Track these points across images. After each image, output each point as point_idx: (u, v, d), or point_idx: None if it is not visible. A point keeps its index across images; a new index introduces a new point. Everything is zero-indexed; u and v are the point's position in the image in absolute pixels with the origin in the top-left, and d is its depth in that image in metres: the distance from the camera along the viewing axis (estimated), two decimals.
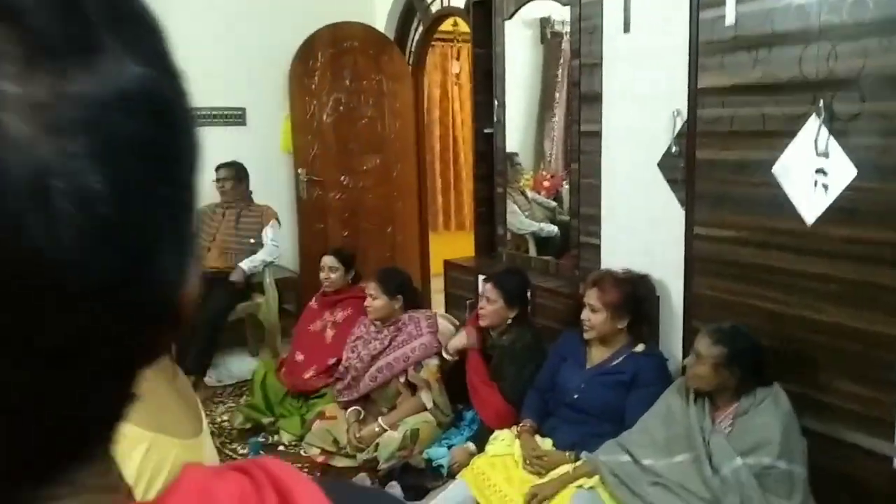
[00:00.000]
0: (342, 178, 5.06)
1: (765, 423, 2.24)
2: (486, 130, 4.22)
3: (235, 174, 4.45)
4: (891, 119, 2.13)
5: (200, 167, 0.32)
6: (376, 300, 3.31)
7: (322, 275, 3.66)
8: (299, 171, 4.93)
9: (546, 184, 4.44)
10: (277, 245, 4.41)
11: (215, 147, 4.64)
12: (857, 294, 2.26)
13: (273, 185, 4.87)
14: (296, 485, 0.37)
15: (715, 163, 2.65)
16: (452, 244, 5.43)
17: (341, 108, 5.01)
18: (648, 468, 2.39)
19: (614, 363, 2.79)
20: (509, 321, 3.12)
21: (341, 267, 3.67)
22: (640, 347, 2.79)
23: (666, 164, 2.84)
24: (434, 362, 3.19)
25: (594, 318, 2.79)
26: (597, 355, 2.86)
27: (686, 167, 2.75)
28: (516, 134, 4.42)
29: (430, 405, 3.10)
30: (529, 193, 4.34)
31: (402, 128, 5.21)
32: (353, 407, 3.26)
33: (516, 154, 4.35)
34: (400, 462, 3.00)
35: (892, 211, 2.16)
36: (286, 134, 4.97)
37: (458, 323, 3.61)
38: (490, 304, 3.11)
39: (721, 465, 2.22)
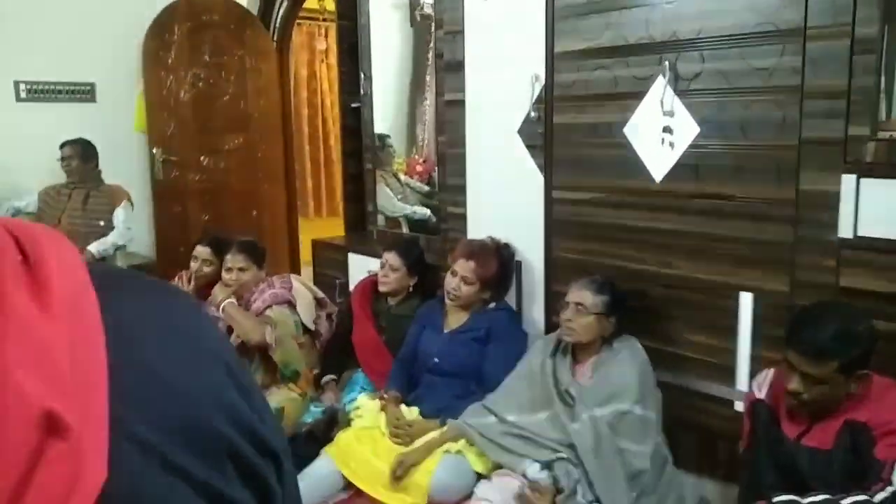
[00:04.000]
0: (202, 158, 4.90)
1: (623, 371, 2.36)
2: (353, 105, 4.20)
3: (82, 152, 4.21)
4: (727, 77, 2.28)
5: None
6: (247, 271, 3.27)
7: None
8: (154, 150, 4.73)
9: (419, 168, 4.48)
10: (130, 227, 4.22)
11: (61, 125, 4.39)
12: (702, 247, 2.42)
13: (126, 166, 4.64)
14: (45, 238, 0.38)
15: (571, 127, 2.76)
16: (325, 231, 5.35)
17: (200, 84, 4.84)
18: (513, 423, 2.48)
19: (469, 323, 2.88)
20: (410, 289, 3.23)
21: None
22: (491, 305, 2.90)
23: (525, 131, 2.93)
24: (286, 312, 3.18)
25: (466, 289, 2.85)
26: (454, 320, 2.93)
27: (544, 132, 2.85)
28: (388, 117, 4.43)
29: (269, 338, 3.07)
30: (402, 177, 4.37)
31: (267, 106, 5.10)
32: None
33: (388, 136, 4.36)
34: None
35: (729, 165, 2.32)
36: (140, 112, 4.75)
37: (316, 290, 3.58)
38: (393, 271, 3.19)
39: (580, 416, 2.32)
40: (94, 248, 4.03)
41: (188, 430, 0.40)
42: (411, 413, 2.79)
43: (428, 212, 4.10)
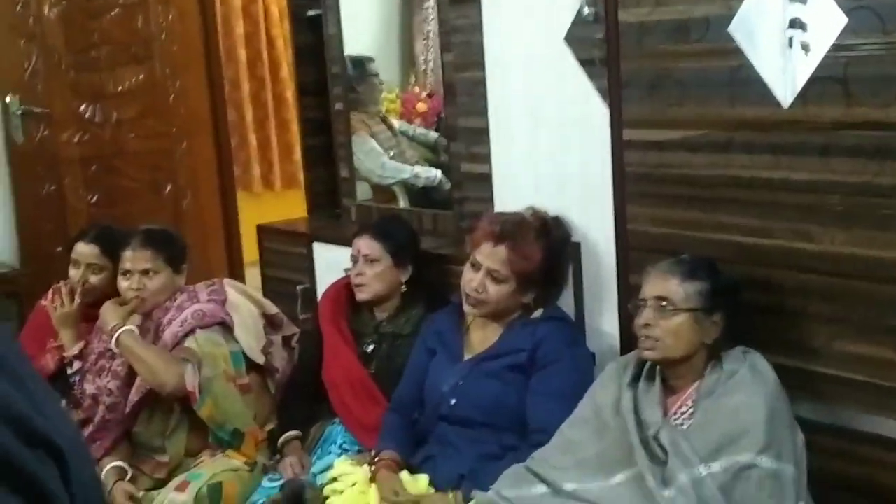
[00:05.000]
0: (82, 107, 4.95)
1: (741, 404, 2.36)
2: (310, 12, 4.23)
3: None
4: None
5: None
6: (157, 276, 3.32)
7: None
8: (8, 98, 4.78)
9: (421, 106, 4.49)
10: None
11: None
12: (860, 206, 2.40)
13: None
14: None
15: (647, 27, 2.75)
16: (281, 212, 5.40)
17: None
18: (573, 494, 2.48)
19: (503, 342, 2.89)
20: (403, 289, 3.28)
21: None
22: (537, 313, 2.91)
23: (577, 37, 2.92)
24: (216, 339, 3.24)
25: (494, 290, 2.85)
26: (479, 339, 2.96)
27: (606, 39, 2.84)
28: (369, 29, 4.43)
29: (190, 383, 3.11)
30: (396, 123, 4.38)
31: (181, 21, 5.15)
32: (113, 464, 3.22)
33: (371, 59, 4.38)
34: None
35: None
36: None
37: (266, 303, 3.61)
38: (371, 265, 3.24)
39: (676, 476, 2.32)
40: None
41: None
42: (418, 483, 2.81)
43: (438, 173, 4.11)
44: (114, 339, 3.17)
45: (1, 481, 0.50)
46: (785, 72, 2.48)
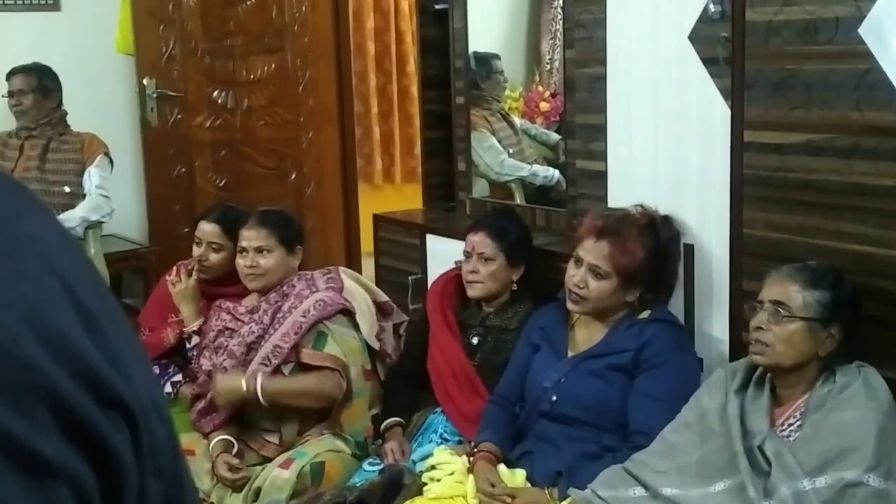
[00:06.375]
0: (215, 93, 5.07)
1: (851, 420, 2.28)
2: (437, 5, 4.23)
3: (39, 84, 4.44)
4: None
5: None
6: (270, 254, 3.34)
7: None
8: (146, 81, 4.91)
9: (544, 106, 4.45)
10: (108, 195, 4.40)
11: (10, 44, 4.63)
12: None
13: (104, 105, 4.87)
14: None
15: (774, 27, 2.69)
16: (398, 203, 5.44)
17: None
18: (672, 500, 2.43)
19: (607, 342, 2.85)
20: (514, 287, 3.26)
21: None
22: (644, 314, 2.85)
23: (702, 36, 2.87)
24: (348, 331, 3.28)
25: (596, 286, 2.82)
26: (583, 337, 2.92)
27: (732, 38, 2.78)
28: (495, 26, 4.42)
29: (339, 390, 3.14)
30: (518, 121, 4.36)
31: (314, 13, 5.23)
32: (220, 437, 3.26)
33: (496, 57, 4.37)
34: None
35: None
36: (124, 24, 4.94)
37: (376, 290, 3.61)
38: (485, 263, 3.22)
39: (777, 489, 2.26)
40: None
41: None
42: (515, 478, 2.79)
43: (556, 173, 4.08)
44: (259, 394, 3.15)
45: (74, 441, 0.47)
46: None
